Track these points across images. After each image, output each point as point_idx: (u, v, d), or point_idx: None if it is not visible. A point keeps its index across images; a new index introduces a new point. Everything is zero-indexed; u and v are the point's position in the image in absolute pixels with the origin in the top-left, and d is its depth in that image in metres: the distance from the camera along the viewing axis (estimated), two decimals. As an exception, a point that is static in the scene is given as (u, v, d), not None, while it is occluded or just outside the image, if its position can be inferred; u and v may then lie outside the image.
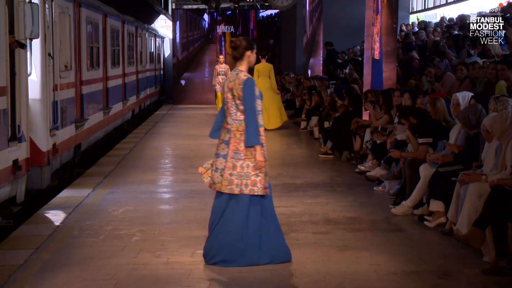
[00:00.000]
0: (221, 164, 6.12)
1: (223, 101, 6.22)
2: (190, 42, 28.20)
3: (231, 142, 6.07)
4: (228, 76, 6.16)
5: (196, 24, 28.37)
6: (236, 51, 6.16)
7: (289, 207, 8.64)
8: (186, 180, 10.59)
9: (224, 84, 6.20)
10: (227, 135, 6.08)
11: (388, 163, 9.63)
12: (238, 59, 6.17)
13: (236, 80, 6.02)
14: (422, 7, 24.71)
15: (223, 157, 6.11)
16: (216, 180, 6.13)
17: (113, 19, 16.69)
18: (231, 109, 6.06)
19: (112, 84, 16.30)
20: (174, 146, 14.96)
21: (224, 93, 6.18)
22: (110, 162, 12.28)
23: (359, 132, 11.75)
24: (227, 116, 6.10)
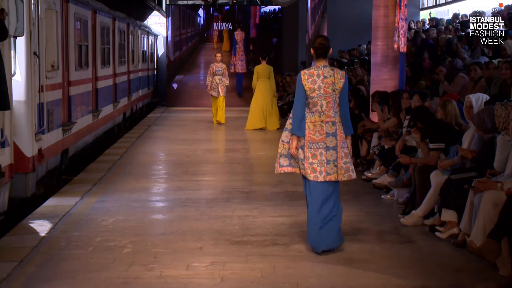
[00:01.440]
0: (332, 156, 6.99)
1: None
2: (183, 40, 27.72)
3: (337, 133, 7.02)
4: (319, 73, 7.02)
5: (190, 21, 27.91)
6: (324, 50, 7.10)
7: (291, 216, 8.62)
8: (180, 188, 10.58)
9: (314, 81, 7.00)
10: (333, 127, 7.00)
11: (397, 169, 9.63)
12: (325, 56, 7.13)
13: (335, 74, 7.03)
14: (433, 3, 24.74)
15: (333, 149, 7.00)
16: (331, 171, 6.99)
17: (103, 15, 16.70)
18: (331, 103, 7.00)
19: (102, 85, 16.30)
20: (168, 152, 14.96)
21: (308, 90, 7.00)
22: (100, 169, 12.27)
23: (366, 136, 11.75)
24: (325, 110, 6.99)
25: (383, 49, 12.89)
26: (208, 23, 27.83)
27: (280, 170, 7.23)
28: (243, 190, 10.37)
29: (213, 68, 19.69)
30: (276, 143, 15.68)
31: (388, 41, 12.94)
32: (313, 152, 7.00)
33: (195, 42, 27.88)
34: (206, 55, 27.44)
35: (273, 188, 10.52)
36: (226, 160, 13.88)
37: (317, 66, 7.11)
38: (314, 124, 7.01)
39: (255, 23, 27.61)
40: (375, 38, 13.21)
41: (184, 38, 27.92)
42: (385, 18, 13.03)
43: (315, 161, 6.99)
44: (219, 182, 11.25)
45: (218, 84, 19.51)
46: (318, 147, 6.99)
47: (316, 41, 7.20)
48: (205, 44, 27.77)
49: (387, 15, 12.99)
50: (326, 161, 6.97)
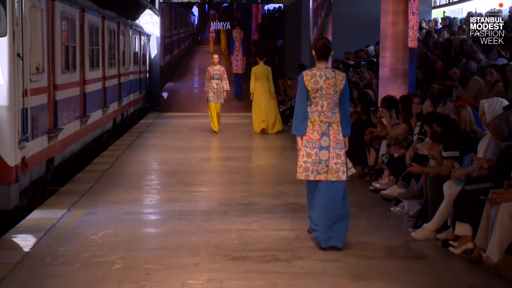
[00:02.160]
0: (324, 156, 7.66)
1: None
2: (174, 43, 27.24)
3: (331, 133, 7.68)
4: (321, 74, 7.69)
5: (183, 20, 27.41)
6: (326, 51, 7.81)
7: (294, 230, 8.62)
8: (175, 199, 10.58)
9: (317, 81, 7.66)
10: (327, 128, 7.66)
11: (407, 180, 9.63)
12: (326, 58, 7.84)
13: (337, 76, 7.74)
14: (446, 1, 24.78)
15: (325, 148, 7.67)
16: (322, 171, 7.64)
17: (92, 14, 16.73)
18: (331, 104, 7.67)
19: (90, 88, 16.31)
20: (161, 160, 14.96)
21: (310, 90, 7.66)
22: (88, 179, 12.27)
23: (374, 144, 11.76)
24: (325, 110, 7.66)
25: (391, 62, 12.87)
26: (203, 23, 27.31)
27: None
28: (242, 201, 10.37)
29: (210, 71, 19.11)
30: (277, 151, 15.64)
31: (397, 53, 12.95)
32: (309, 151, 7.71)
33: (188, 44, 27.29)
34: (200, 59, 26.83)
35: (274, 199, 10.51)
36: (223, 169, 13.88)
37: (318, 67, 7.79)
38: (313, 123, 7.70)
39: (257, 23, 27.21)
40: (383, 49, 13.22)
41: (175, 40, 27.36)
42: (394, 26, 13.03)
43: (309, 160, 7.69)
44: (216, 193, 11.24)
45: (215, 89, 19.04)
46: (314, 146, 7.69)
47: (318, 42, 7.90)
48: (200, 46, 27.24)
49: (396, 22, 13.00)
50: (319, 160, 7.67)
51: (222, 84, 19.14)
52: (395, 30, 12.96)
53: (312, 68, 7.90)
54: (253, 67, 19.80)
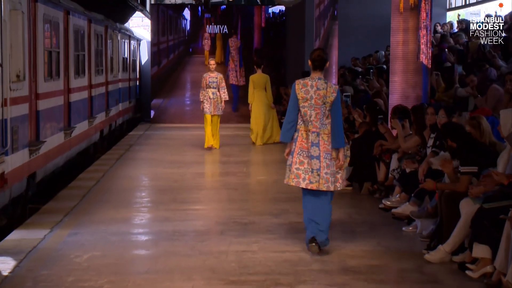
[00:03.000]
0: (316, 165, 8.37)
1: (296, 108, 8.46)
2: (162, 52, 26.60)
3: (320, 144, 8.40)
4: (312, 84, 8.44)
5: (172, 26, 26.70)
6: (321, 62, 8.54)
7: (297, 252, 8.62)
8: (167, 218, 10.58)
9: (308, 91, 8.40)
10: (316, 138, 8.39)
11: (420, 197, 9.62)
12: (321, 69, 8.56)
13: (328, 88, 8.42)
14: (462, 3, 24.84)
15: (316, 158, 8.39)
16: (314, 180, 8.38)
17: (77, 17, 16.77)
18: (319, 114, 8.38)
19: (75, 98, 16.35)
20: (152, 176, 14.96)
21: (300, 99, 8.41)
22: (73, 196, 12.27)
23: (384, 158, 11.76)
24: (313, 120, 8.39)
25: (402, 87, 12.89)
26: (196, 28, 26.72)
27: None
28: (241, 220, 10.37)
29: (206, 79, 18.21)
30: (278, 165, 15.68)
31: (408, 77, 13.00)
32: (301, 159, 8.45)
33: (178, 54, 26.69)
34: (193, 71, 26.16)
35: (275, 218, 10.51)
36: (220, 185, 13.87)
37: (312, 77, 8.54)
38: (306, 132, 8.45)
39: (260, 29, 26.70)
40: (393, 72, 13.26)
41: (163, 48, 26.64)
42: (405, 46, 13.08)
43: (301, 167, 8.43)
44: (213, 212, 11.24)
45: (211, 99, 18.11)
46: (306, 155, 8.44)
47: (314, 53, 8.65)
48: (192, 56, 26.71)
49: (407, 42, 13.05)
50: (311, 169, 8.40)
51: (220, 94, 18.25)
52: (405, 50, 13.03)
53: (306, 77, 8.66)
54: (250, 76, 19.92)
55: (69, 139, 15.40)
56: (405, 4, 12.92)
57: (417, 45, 12.87)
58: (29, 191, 12.19)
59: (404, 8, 12.94)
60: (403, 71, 12.97)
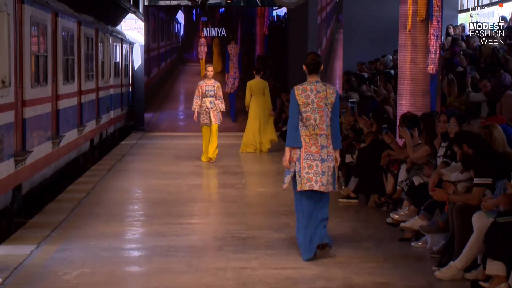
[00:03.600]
0: (326, 168, 8.90)
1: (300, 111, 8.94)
2: (153, 60, 26.16)
3: (328, 146, 8.96)
4: (312, 88, 8.99)
5: (164, 30, 26.18)
6: (316, 66, 9.10)
7: (299, 269, 8.62)
8: (161, 233, 10.57)
9: (308, 95, 8.94)
10: (325, 140, 8.95)
11: (430, 210, 9.62)
12: (317, 72, 9.11)
13: (328, 90, 9.01)
14: (474, 4, 24.88)
15: (326, 160, 8.93)
16: (325, 182, 8.90)
17: (66, 19, 16.80)
18: (324, 117, 8.94)
19: (64, 105, 16.36)
20: (146, 188, 14.96)
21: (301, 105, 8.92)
22: (61, 209, 12.26)
23: (392, 169, 11.76)
24: (319, 123, 8.92)
25: (410, 110, 12.89)
26: (191, 33, 26.26)
27: None
28: (239, 235, 10.37)
29: (202, 87, 17.58)
30: (278, 176, 15.70)
31: (416, 99, 13.05)
32: (310, 163, 8.91)
33: (171, 62, 26.26)
34: (188, 81, 25.65)
35: (276, 233, 10.51)
36: (218, 198, 13.87)
37: (309, 81, 9.10)
38: (310, 137, 8.93)
39: (262, 33, 26.38)
40: (400, 95, 13.27)
41: (154, 56, 26.18)
42: (413, 64, 13.10)
43: (311, 171, 8.89)
44: (210, 226, 11.24)
45: (210, 109, 17.50)
46: (314, 158, 8.91)
47: (308, 57, 9.21)
48: (187, 65, 26.31)
49: (415, 60, 13.08)
50: (321, 172, 8.90)
51: (217, 103, 17.68)
52: (413, 70, 13.05)
53: (304, 82, 9.17)
54: (248, 81, 20.10)
55: (57, 149, 15.40)
56: (413, 20, 12.97)
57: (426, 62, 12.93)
58: (15, 204, 12.18)
59: (412, 24, 12.99)
60: (411, 93, 12.98)
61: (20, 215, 12.47)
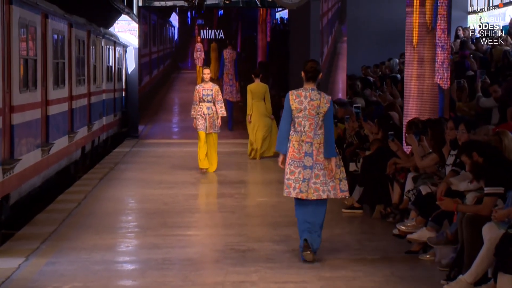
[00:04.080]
0: (307, 175, 9.44)
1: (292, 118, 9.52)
2: (144, 67, 25.77)
3: (313, 154, 9.46)
4: (306, 95, 9.50)
5: (156, 34, 25.70)
6: (314, 74, 9.61)
7: (301, 283, 8.61)
8: (156, 245, 10.57)
9: (301, 101, 9.48)
10: (310, 148, 9.46)
11: (439, 221, 9.61)
12: (314, 80, 9.64)
13: (322, 99, 9.50)
14: (485, 5, 24.91)
15: (309, 168, 9.45)
16: (304, 189, 9.43)
17: (57, 21, 16.82)
18: (313, 125, 9.46)
19: (54, 110, 16.36)
20: (140, 198, 14.96)
21: (294, 110, 9.47)
22: (51, 220, 12.26)
23: (398, 178, 11.76)
24: (307, 130, 9.45)
25: (417, 116, 12.90)
26: (186, 37, 25.78)
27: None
28: (239, 247, 10.36)
29: (199, 91, 17.20)
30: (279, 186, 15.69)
31: (423, 104, 13.05)
32: (292, 169, 9.49)
33: (164, 69, 25.85)
34: (182, 90, 25.25)
35: (277, 245, 10.50)
36: (216, 208, 13.86)
37: (305, 88, 9.60)
38: (298, 142, 9.48)
39: (265, 37, 26.00)
40: (406, 115, 13.26)
41: (145, 63, 25.82)
42: (420, 81, 13.11)
43: (292, 177, 9.48)
44: (207, 238, 11.23)
45: (206, 115, 17.17)
46: (298, 165, 9.47)
47: (308, 64, 9.68)
48: (181, 72, 25.86)
49: (422, 76, 13.10)
50: (302, 179, 9.45)
51: (216, 108, 17.33)
52: (420, 86, 13.08)
53: (299, 88, 9.68)
54: (248, 85, 20.23)
55: (47, 157, 15.40)
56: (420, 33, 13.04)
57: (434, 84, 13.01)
58: (2, 215, 12.18)
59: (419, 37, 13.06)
60: (417, 113, 13.00)
61: (8, 226, 12.47)
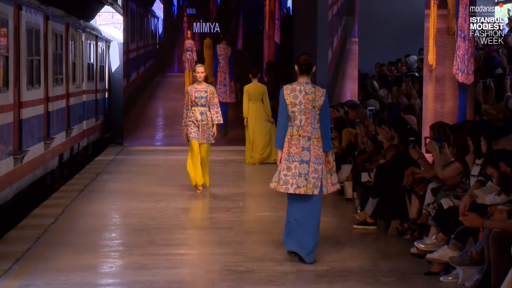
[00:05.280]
0: (304, 169, 10.31)
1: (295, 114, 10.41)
2: (131, 64, 25.34)
3: (311, 148, 10.35)
4: (301, 89, 10.42)
5: (136, 27, 24.92)
6: (308, 67, 10.55)
7: (307, 308, 8.63)
8: (144, 265, 10.57)
9: (296, 96, 10.39)
10: (307, 142, 10.34)
11: (462, 239, 9.60)
12: (308, 73, 10.59)
13: (317, 92, 10.46)
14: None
15: (306, 163, 10.32)
16: (301, 184, 10.30)
17: (31, 13, 16.81)
18: (310, 119, 10.38)
19: (28, 114, 16.35)
20: (125, 212, 14.95)
21: (289, 104, 10.39)
22: (25, 237, 12.26)
23: (417, 189, 11.75)
24: (303, 125, 10.37)
25: (438, 120, 12.89)
26: (174, 30, 25.12)
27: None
28: (236, 268, 10.37)
29: (192, 94, 16.18)
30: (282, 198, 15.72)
31: (443, 106, 13.08)
32: (288, 165, 10.37)
33: (146, 71, 25.17)
34: (169, 99, 24.60)
35: (279, 265, 10.51)
36: (210, 224, 13.86)
37: (299, 82, 10.54)
38: (292, 137, 10.39)
39: (273, 32, 25.35)
40: (426, 101, 13.27)
41: (132, 59, 25.43)
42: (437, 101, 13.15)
43: (289, 173, 10.35)
44: (201, 257, 11.23)
45: (200, 122, 16.14)
46: (293, 160, 10.36)
47: (301, 58, 10.61)
48: (168, 76, 25.07)
49: (441, 96, 13.13)
50: (298, 174, 10.32)
51: (211, 114, 16.31)
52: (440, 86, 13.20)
53: (293, 82, 10.67)
54: (245, 86, 20.40)
55: (20, 166, 15.39)
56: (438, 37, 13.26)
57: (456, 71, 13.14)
58: (-30, 232, 12.18)
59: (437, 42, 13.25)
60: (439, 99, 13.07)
61: (-24, 244, 12.47)
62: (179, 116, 17.68)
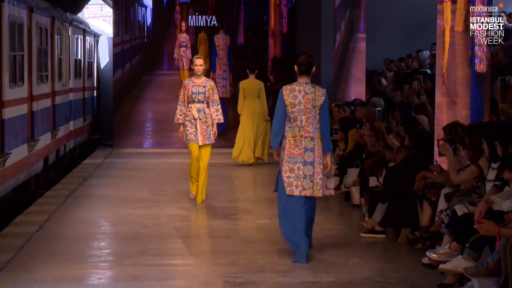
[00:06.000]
0: (309, 171, 10.80)
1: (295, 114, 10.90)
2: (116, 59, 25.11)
3: (315, 149, 10.85)
4: (300, 89, 10.94)
5: (125, 21, 24.73)
6: (307, 67, 11.03)
7: (311, 323, 8.63)
8: (135, 276, 10.58)
9: (295, 96, 10.91)
10: (311, 143, 10.84)
11: (478, 248, 9.60)
12: (308, 73, 11.07)
13: (316, 92, 10.97)
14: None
15: (310, 164, 10.81)
16: (307, 186, 10.80)
17: (14, 4, 16.82)
18: (311, 119, 10.89)
19: (10, 113, 16.35)
20: (115, 219, 14.96)
21: (289, 105, 10.89)
22: (7, 247, 12.26)
23: (429, 195, 11.75)
24: (304, 125, 10.86)
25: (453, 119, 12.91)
26: (162, 24, 24.75)
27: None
28: (234, 280, 10.37)
29: (189, 88, 15.51)
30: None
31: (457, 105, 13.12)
32: (291, 166, 10.85)
33: (131, 69, 25.02)
34: (160, 100, 24.36)
35: (281, 276, 10.51)
36: (207, 232, 13.87)
37: (299, 82, 11.04)
38: (294, 138, 10.87)
39: (279, 23, 25.10)
40: (438, 100, 13.29)
41: (117, 54, 25.27)
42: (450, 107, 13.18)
43: (292, 175, 10.84)
44: (197, 268, 11.24)
45: (197, 121, 15.49)
46: (296, 161, 10.85)
47: (300, 58, 11.08)
48: (159, 75, 24.71)
49: (453, 103, 13.17)
50: (303, 175, 10.82)
51: (211, 112, 15.70)
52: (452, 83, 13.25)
53: (293, 83, 11.17)
54: (241, 82, 20.48)
55: (2, 170, 15.40)
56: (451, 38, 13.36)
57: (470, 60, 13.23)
58: None
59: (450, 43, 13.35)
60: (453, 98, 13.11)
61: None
62: (168, 120, 17.83)
